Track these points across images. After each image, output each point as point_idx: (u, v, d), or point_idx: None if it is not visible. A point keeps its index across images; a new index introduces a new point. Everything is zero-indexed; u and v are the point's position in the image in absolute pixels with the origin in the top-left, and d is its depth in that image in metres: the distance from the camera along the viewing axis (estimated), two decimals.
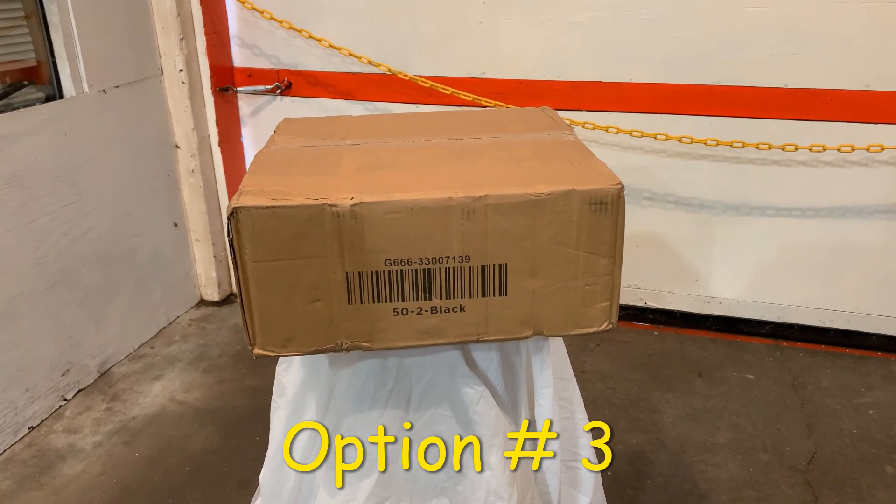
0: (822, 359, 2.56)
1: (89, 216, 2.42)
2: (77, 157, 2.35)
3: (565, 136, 1.26)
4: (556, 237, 1.03)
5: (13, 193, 2.13)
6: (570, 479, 1.38)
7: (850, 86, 2.30)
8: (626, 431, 2.19)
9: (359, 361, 1.19)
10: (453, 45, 2.58)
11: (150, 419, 2.29)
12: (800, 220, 2.52)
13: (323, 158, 1.16)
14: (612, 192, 1.02)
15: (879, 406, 2.30)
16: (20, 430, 2.21)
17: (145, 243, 2.70)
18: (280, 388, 1.29)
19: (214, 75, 2.76)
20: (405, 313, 1.05)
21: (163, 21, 2.63)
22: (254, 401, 2.37)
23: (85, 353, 2.45)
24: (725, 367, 2.51)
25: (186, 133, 2.78)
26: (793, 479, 1.99)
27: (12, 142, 2.12)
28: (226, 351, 2.68)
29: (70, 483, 2.02)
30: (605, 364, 2.54)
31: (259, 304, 1.02)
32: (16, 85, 2.25)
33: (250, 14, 2.70)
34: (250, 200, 0.98)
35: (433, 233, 1.01)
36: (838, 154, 2.37)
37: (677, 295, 2.76)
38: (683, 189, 2.59)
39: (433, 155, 1.18)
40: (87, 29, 2.35)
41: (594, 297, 1.07)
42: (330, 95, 2.77)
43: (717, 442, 2.14)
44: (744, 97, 2.39)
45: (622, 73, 2.48)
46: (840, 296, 2.58)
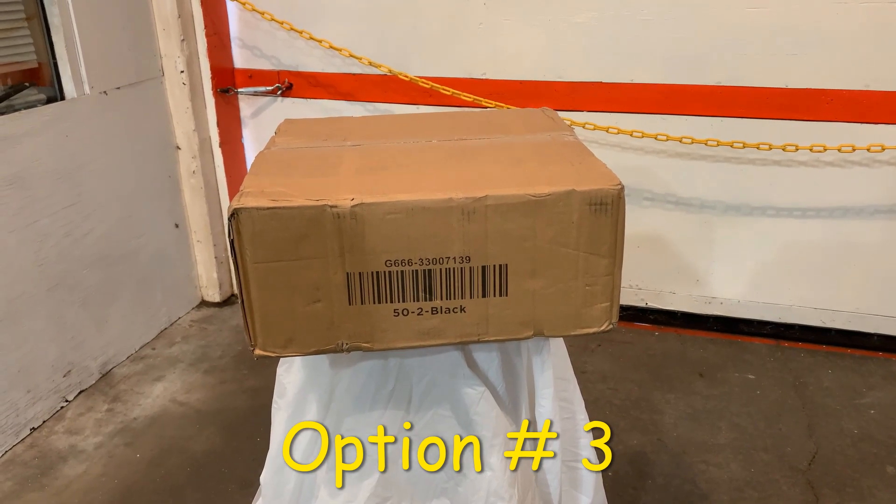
0: (823, 359, 2.56)
1: (90, 217, 2.42)
2: (78, 158, 2.36)
3: (565, 136, 1.27)
4: (556, 238, 1.03)
5: (14, 195, 2.13)
6: (570, 479, 1.38)
7: (851, 86, 2.30)
8: (627, 432, 2.19)
9: (359, 362, 1.19)
10: (454, 45, 2.59)
11: (152, 420, 2.30)
12: (800, 220, 2.52)
13: (323, 159, 1.16)
14: (612, 193, 1.02)
15: (880, 406, 2.29)
16: (21, 431, 2.22)
17: (146, 244, 2.70)
18: (281, 389, 1.30)
19: (215, 76, 2.77)
20: (406, 314, 1.05)
21: (164, 22, 2.63)
22: (255, 402, 2.37)
23: (86, 354, 2.45)
24: (726, 368, 2.51)
25: (187, 134, 2.79)
26: (794, 480, 1.99)
27: (13, 143, 2.12)
28: (227, 352, 2.68)
29: (71, 484, 2.02)
30: (606, 364, 2.54)
31: (260, 304, 1.03)
32: (17, 86, 2.25)
33: (251, 15, 2.70)
34: (251, 201, 0.98)
35: (433, 233, 1.01)
36: (839, 154, 2.37)
37: (678, 295, 2.76)
38: (684, 189, 2.59)
39: (433, 156, 1.18)
40: (89, 30, 2.35)
41: (594, 298, 1.07)
42: (330, 96, 2.78)
43: (718, 442, 2.14)
44: (744, 97, 2.39)
45: (622, 74, 2.48)
46: (841, 296, 2.58)
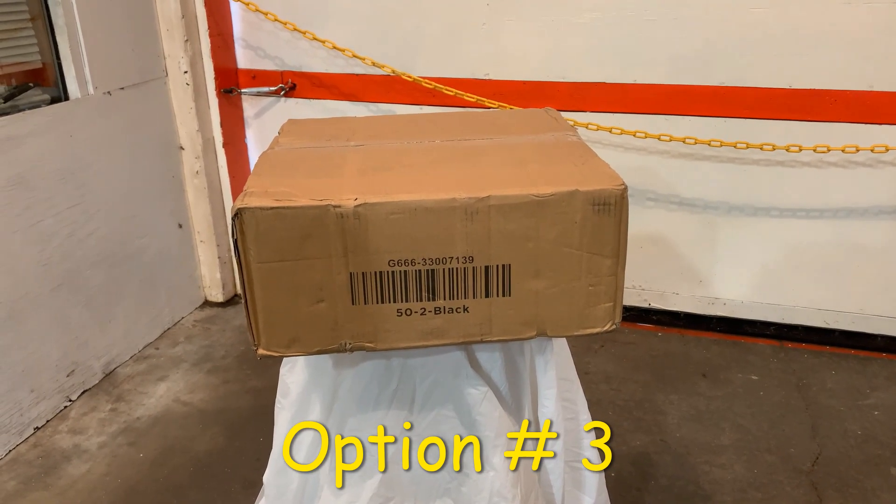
0: (827, 360, 2.56)
1: (94, 217, 2.43)
2: (82, 158, 2.36)
3: (569, 136, 1.27)
4: (559, 238, 1.03)
5: (19, 195, 2.14)
6: (573, 479, 1.38)
7: (855, 86, 2.29)
8: (630, 432, 2.18)
9: (363, 362, 1.20)
10: (457, 46, 2.59)
11: (155, 420, 2.30)
12: (804, 220, 2.51)
13: (327, 160, 1.16)
14: (615, 193, 1.02)
15: (884, 407, 2.29)
16: (25, 431, 2.22)
17: (150, 245, 2.71)
18: (284, 389, 1.30)
19: (219, 77, 2.77)
20: (409, 314, 1.05)
21: (167, 23, 2.64)
22: (258, 401, 2.37)
23: (90, 353, 2.46)
24: (730, 369, 2.51)
25: (191, 134, 2.79)
26: (797, 481, 1.98)
27: (18, 143, 2.13)
28: (230, 352, 2.68)
29: (75, 483, 2.03)
30: (609, 365, 2.54)
31: (263, 304, 1.03)
32: (21, 87, 2.26)
33: (254, 16, 2.71)
34: (255, 201, 0.98)
35: (437, 233, 1.01)
36: (843, 155, 2.36)
37: (681, 296, 2.76)
38: (687, 190, 2.59)
39: (437, 156, 1.18)
40: (93, 31, 2.36)
41: (598, 298, 1.07)
42: (334, 97, 2.78)
43: (722, 443, 2.13)
44: (748, 98, 2.39)
45: (626, 74, 2.48)
46: (845, 297, 2.57)
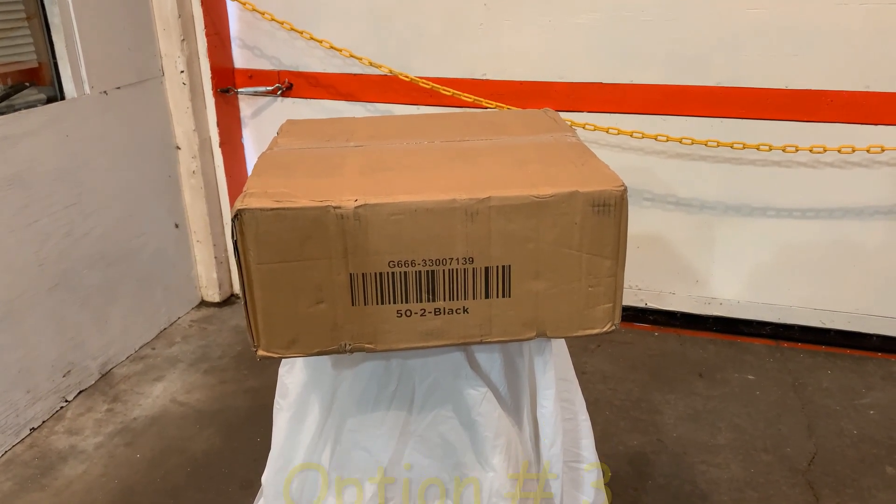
0: (823, 360, 2.57)
1: (90, 217, 2.42)
2: (78, 158, 2.35)
3: (567, 137, 1.27)
4: (559, 239, 1.03)
5: (15, 195, 2.13)
6: (572, 479, 1.38)
7: (851, 87, 2.30)
8: (627, 432, 2.19)
9: (362, 363, 1.20)
10: (454, 46, 2.59)
11: (152, 420, 2.30)
12: (800, 221, 2.52)
13: (326, 160, 1.16)
14: (615, 194, 1.02)
15: (880, 407, 2.30)
16: (21, 431, 2.21)
17: (146, 244, 2.70)
18: (283, 390, 1.30)
19: (215, 76, 2.76)
20: (409, 315, 1.05)
21: (164, 22, 2.63)
22: (255, 402, 2.37)
23: (86, 354, 2.45)
24: (726, 368, 2.52)
25: (187, 134, 2.79)
26: (794, 480, 1.99)
27: (14, 143, 2.12)
28: (227, 352, 2.68)
29: (71, 484, 2.02)
30: (606, 365, 2.54)
31: (263, 305, 1.03)
32: (17, 86, 2.25)
33: (251, 15, 2.70)
34: (254, 202, 0.98)
35: (437, 234, 1.01)
36: (839, 155, 2.37)
37: (678, 296, 2.77)
38: (684, 190, 2.60)
39: (436, 157, 1.18)
40: (89, 30, 2.35)
41: (597, 299, 1.07)
42: (331, 97, 2.77)
43: (718, 443, 2.14)
44: (744, 98, 2.39)
45: (623, 75, 2.48)
46: (840, 297, 2.58)
